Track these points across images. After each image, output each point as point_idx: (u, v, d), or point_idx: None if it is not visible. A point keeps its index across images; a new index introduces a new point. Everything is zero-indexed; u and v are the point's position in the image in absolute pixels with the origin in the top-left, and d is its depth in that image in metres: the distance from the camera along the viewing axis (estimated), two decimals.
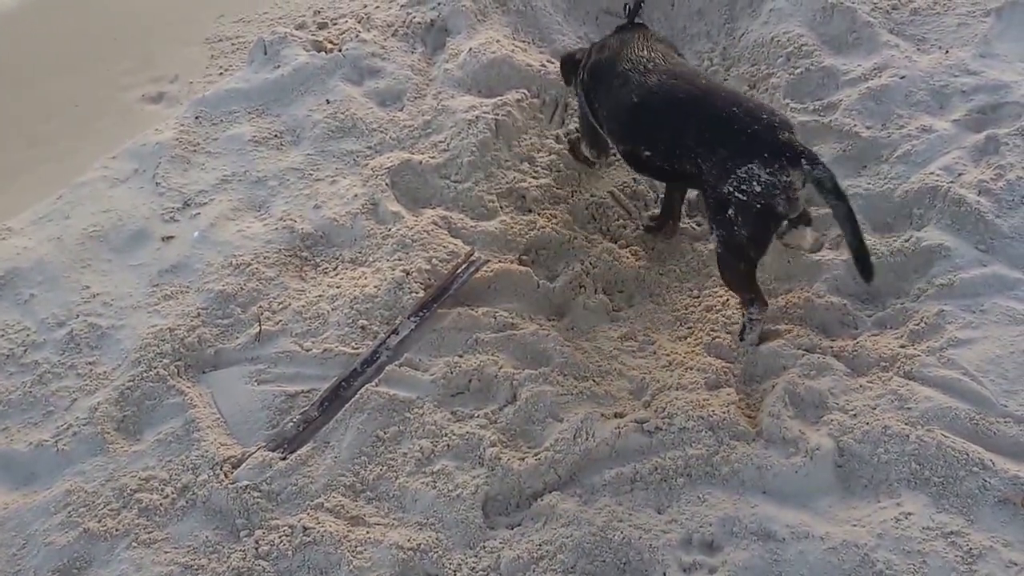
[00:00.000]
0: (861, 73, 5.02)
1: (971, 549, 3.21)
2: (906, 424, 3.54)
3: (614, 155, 4.70)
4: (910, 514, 3.32)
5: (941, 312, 3.93)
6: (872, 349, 3.92)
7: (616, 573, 3.36)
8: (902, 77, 4.91)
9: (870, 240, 4.25)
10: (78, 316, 4.42)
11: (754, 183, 3.65)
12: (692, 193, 4.76)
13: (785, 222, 3.86)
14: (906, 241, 4.24)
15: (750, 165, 3.65)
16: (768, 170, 3.63)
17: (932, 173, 4.42)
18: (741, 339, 4.08)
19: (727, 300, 4.29)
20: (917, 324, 3.94)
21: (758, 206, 3.68)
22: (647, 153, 4.17)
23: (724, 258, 3.98)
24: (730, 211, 3.75)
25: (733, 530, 3.39)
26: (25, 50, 6.56)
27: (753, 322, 4.04)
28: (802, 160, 3.64)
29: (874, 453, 3.51)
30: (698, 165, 3.87)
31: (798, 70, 5.15)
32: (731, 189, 3.71)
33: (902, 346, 3.89)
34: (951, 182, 4.33)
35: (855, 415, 3.66)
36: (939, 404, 3.59)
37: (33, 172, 5.50)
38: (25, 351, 4.31)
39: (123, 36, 6.61)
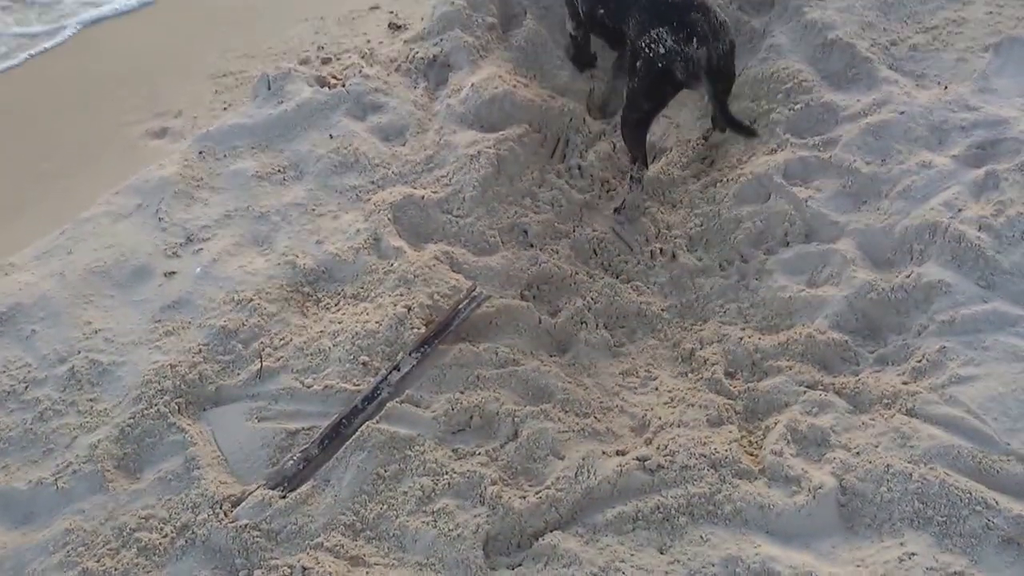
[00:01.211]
0: (861, 108, 5.04)
1: None
2: (909, 462, 3.53)
3: None
4: (913, 554, 3.29)
5: (943, 349, 3.92)
6: (874, 386, 3.91)
7: None
8: (901, 113, 4.93)
9: (870, 276, 4.27)
10: (80, 352, 4.40)
11: (660, 45, 4.52)
12: (691, 229, 4.78)
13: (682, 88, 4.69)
14: (907, 277, 4.24)
15: (660, 28, 4.54)
16: (674, 37, 4.49)
17: (932, 209, 4.43)
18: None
19: (728, 335, 4.29)
20: (919, 361, 3.93)
21: (659, 65, 4.55)
22: (601, 11, 5.10)
23: (625, 110, 4.90)
24: (639, 63, 4.64)
25: (736, 571, 3.36)
26: (27, 87, 6.59)
27: (633, 181, 4.94)
28: (707, 40, 4.50)
29: (877, 492, 3.49)
30: (630, 24, 4.74)
31: (798, 105, 5.17)
32: (642, 44, 4.60)
33: (904, 383, 3.88)
34: (951, 218, 4.34)
35: (858, 453, 3.64)
36: (942, 442, 3.58)
37: (36, 207, 5.49)
38: (26, 387, 4.29)
39: (126, 71, 6.63)
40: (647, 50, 4.56)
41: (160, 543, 3.69)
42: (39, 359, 4.40)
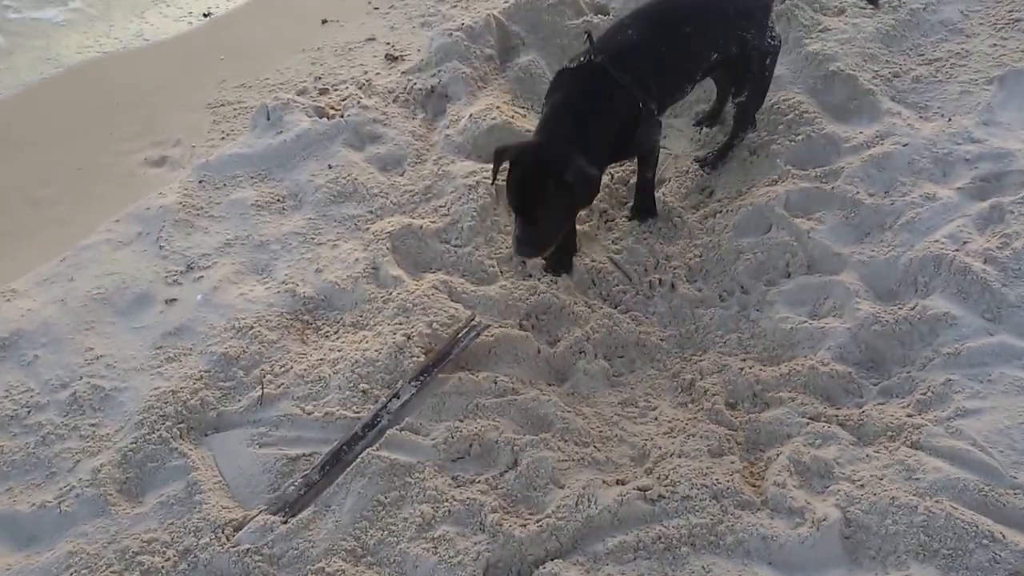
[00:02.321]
0: (863, 140, 5.06)
1: None
2: (914, 495, 3.50)
3: None
4: None
5: (948, 381, 3.90)
6: (878, 418, 3.89)
7: None
8: (905, 144, 4.95)
9: (874, 308, 4.26)
10: (81, 378, 4.39)
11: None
12: (690, 259, 4.77)
13: None
14: (911, 309, 4.24)
15: None
16: None
17: (937, 241, 4.43)
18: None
19: (729, 366, 4.27)
20: (924, 393, 3.92)
21: None
22: None
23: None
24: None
25: None
26: (28, 115, 6.60)
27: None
28: None
29: (882, 524, 3.46)
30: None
31: (799, 137, 5.19)
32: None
33: (909, 415, 3.86)
34: (956, 250, 4.34)
35: (862, 485, 3.61)
36: (947, 475, 3.55)
37: (36, 235, 5.49)
38: (28, 412, 4.28)
39: (125, 101, 6.65)
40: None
41: (162, 567, 3.66)
42: (41, 384, 4.39)
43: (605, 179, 5.37)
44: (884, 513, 3.48)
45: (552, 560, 3.54)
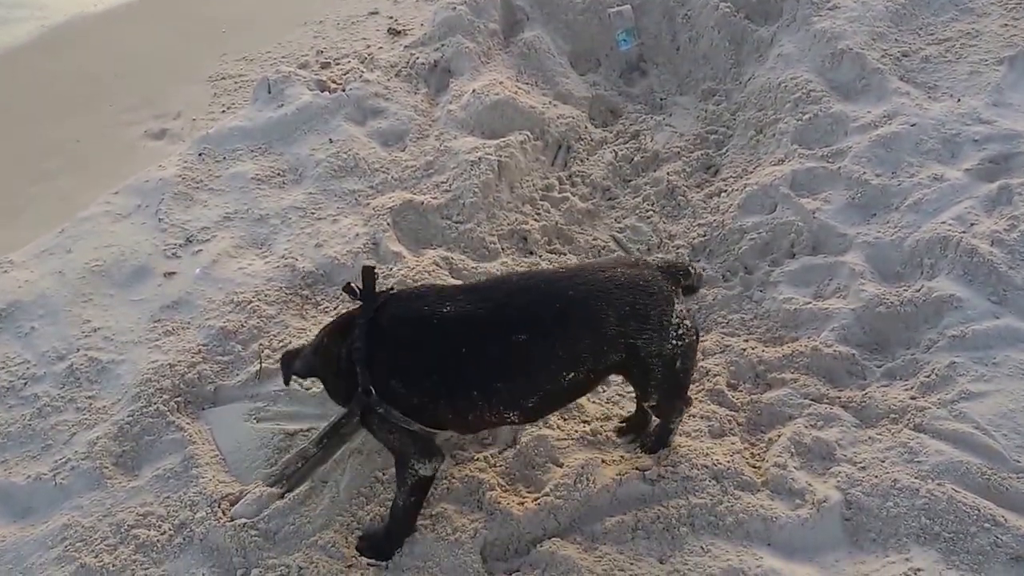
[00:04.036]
0: (871, 120, 5.01)
1: None
2: (916, 478, 3.47)
3: None
4: (920, 570, 3.22)
5: (952, 364, 3.86)
6: (881, 400, 3.86)
7: None
8: (913, 125, 4.89)
9: (879, 290, 4.22)
10: (78, 350, 4.37)
11: None
12: (694, 238, 4.73)
13: None
14: (917, 291, 4.19)
15: None
16: None
17: (943, 223, 4.39)
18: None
19: (731, 347, 4.24)
20: (928, 376, 3.88)
21: None
22: None
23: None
24: None
25: None
26: (27, 87, 6.56)
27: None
28: None
29: (883, 507, 3.43)
30: None
31: (806, 116, 5.14)
32: None
33: (912, 398, 3.83)
34: (963, 232, 4.29)
35: (864, 467, 3.58)
36: (950, 458, 3.52)
37: (35, 207, 5.48)
38: (25, 384, 4.26)
39: (125, 72, 6.61)
40: None
41: (158, 540, 3.64)
42: (38, 356, 4.37)
43: (608, 157, 5.34)
44: (885, 496, 3.45)
45: (550, 539, 3.51)
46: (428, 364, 3.22)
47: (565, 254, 4.79)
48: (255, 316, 4.46)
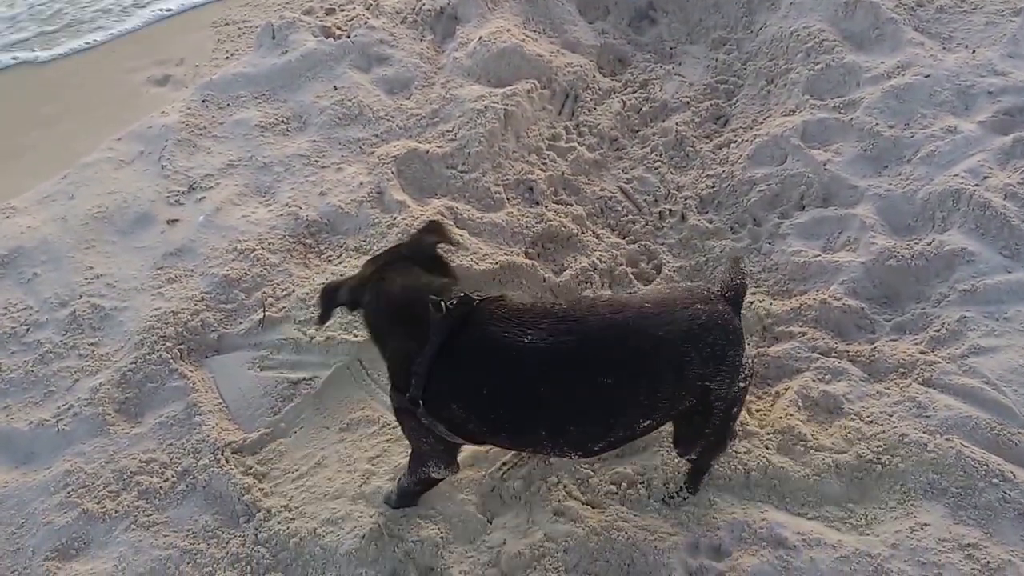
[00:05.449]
0: (884, 71, 4.93)
1: (989, 563, 3.13)
2: (924, 432, 3.45)
3: None
4: (926, 525, 3.23)
5: (963, 318, 3.84)
6: (890, 355, 3.83)
7: (619, 575, 3.28)
8: (927, 76, 4.82)
9: (889, 243, 4.17)
10: (81, 297, 4.36)
11: None
12: (702, 190, 4.69)
13: None
14: (928, 244, 4.15)
15: None
16: None
17: (956, 175, 4.33)
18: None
19: None
20: (938, 330, 3.85)
21: None
22: None
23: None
24: None
25: (742, 535, 3.30)
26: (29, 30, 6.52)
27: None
28: None
29: (891, 461, 3.41)
30: None
31: (818, 66, 5.06)
32: None
33: (922, 352, 3.80)
34: (976, 185, 4.24)
35: (871, 421, 3.57)
36: (959, 413, 3.50)
37: (37, 152, 5.44)
38: (27, 330, 4.26)
39: (128, 18, 6.54)
40: None
41: (161, 487, 3.66)
42: (40, 302, 4.37)
43: (616, 107, 5.27)
44: (893, 450, 3.44)
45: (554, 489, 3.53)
46: (499, 398, 3.01)
47: (571, 204, 4.73)
48: (258, 264, 4.43)
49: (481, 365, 3.03)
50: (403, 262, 3.28)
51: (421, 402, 3.05)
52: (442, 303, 3.02)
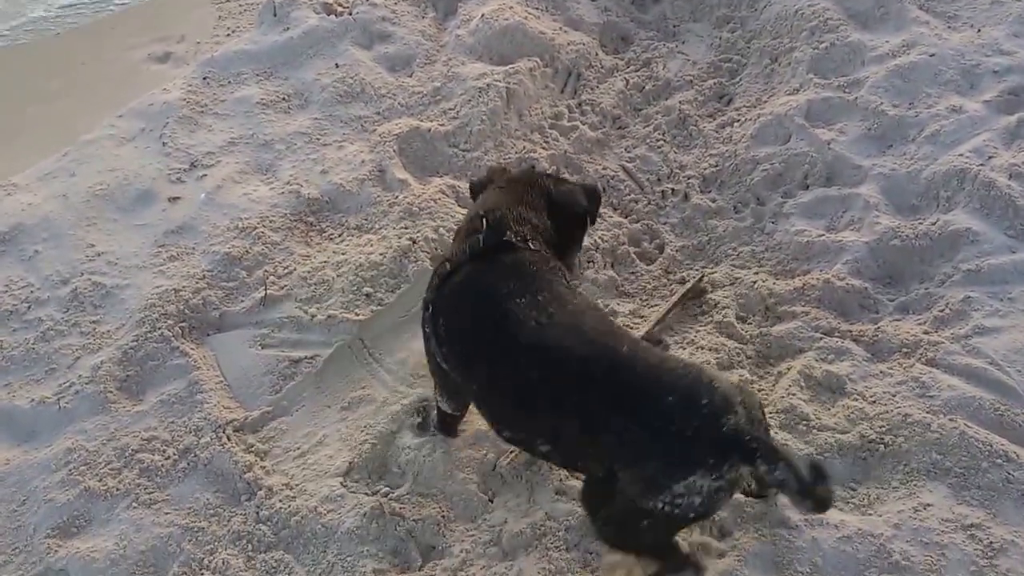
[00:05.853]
0: (889, 50, 4.91)
1: (992, 543, 3.12)
2: (928, 412, 3.45)
3: None
4: (929, 505, 3.23)
5: (967, 298, 3.83)
6: (893, 334, 3.82)
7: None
8: (931, 55, 4.80)
9: (893, 222, 4.16)
10: (82, 274, 4.35)
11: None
12: (705, 169, 4.68)
13: None
14: (932, 224, 4.14)
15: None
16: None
17: (961, 155, 4.31)
18: None
19: (741, 279, 4.20)
20: (942, 310, 3.84)
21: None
22: None
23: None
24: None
25: (744, 514, 3.29)
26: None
27: None
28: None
29: (894, 441, 3.41)
30: None
31: (823, 45, 5.04)
32: None
33: (925, 332, 3.79)
34: (981, 165, 4.22)
35: (874, 401, 3.56)
36: (963, 393, 3.50)
37: (38, 129, 5.42)
38: (28, 307, 4.25)
39: None
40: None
41: (162, 465, 3.66)
42: (41, 279, 4.35)
43: (619, 85, 5.24)
44: (896, 430, 3.43)
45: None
46: (458, 339, 3.11)
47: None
48: (260, 242, 4.42)
49: (459, 304, 3.11)
50: (531, 189, 3.38)
51: (430, 306, 3.17)
52: (484, 218, 3.15)
